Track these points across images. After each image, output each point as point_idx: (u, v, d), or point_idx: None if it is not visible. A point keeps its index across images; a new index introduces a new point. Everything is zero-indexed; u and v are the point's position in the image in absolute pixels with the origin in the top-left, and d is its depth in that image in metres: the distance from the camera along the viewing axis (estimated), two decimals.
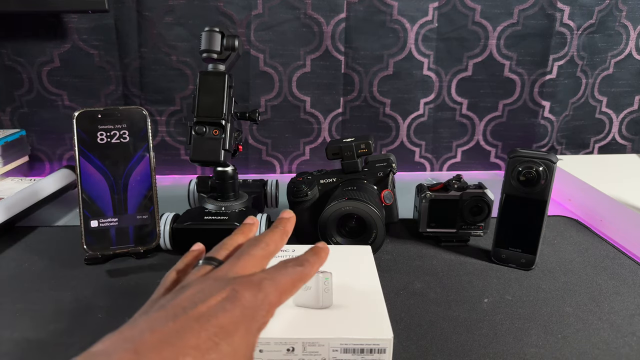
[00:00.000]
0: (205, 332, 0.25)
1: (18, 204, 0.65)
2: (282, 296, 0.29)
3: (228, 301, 0.26)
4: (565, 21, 0.85)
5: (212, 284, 0.28)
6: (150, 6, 0.80)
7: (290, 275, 0.30)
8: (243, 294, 0.27)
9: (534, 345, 0.42)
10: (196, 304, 0.26)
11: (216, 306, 0.26)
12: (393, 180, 0.62)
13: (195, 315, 0.25)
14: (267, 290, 0.28)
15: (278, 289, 0.28)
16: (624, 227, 0.63)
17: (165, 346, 0.23)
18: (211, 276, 0.29)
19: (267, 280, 0.28)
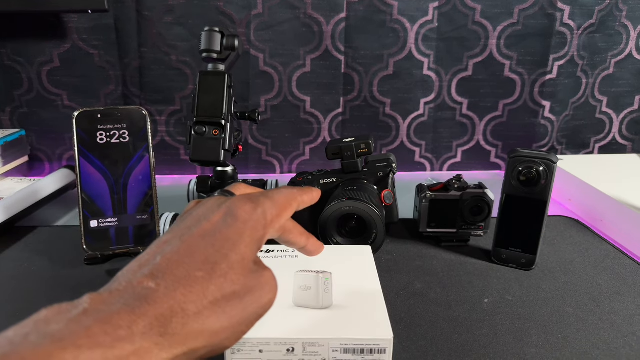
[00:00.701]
0: (212, 246, 0.27)
1: (18, 204, 0.65)
2: (280, 212, 0.31)
3: (229, 216, 0.28)
4: (566, 21, 0.84)
5: (213, 204, 0.30)
6: (150, 6, 0.80)
7: (285, 195, 0.32)
8: (243, 208, 0.29)
9: (534, 346, 0.42)
10: (200, 221, 0.28)
11: (219, 222, 0.28)
12: (393, 180, 0.62)
13: (200, 233, 0.27)
14: (265, 205, 0.30)
15: (275, 205, 0.30)
16: (624, 227, 0.63)
17: (177, 266, 0.25)
18: (214, 198, 0.31)
19: (264, 197, 0.30)
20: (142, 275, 0.25)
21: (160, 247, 0.27)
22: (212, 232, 0.27)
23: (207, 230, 0.27)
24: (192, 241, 0.27)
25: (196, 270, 0.25)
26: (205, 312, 0.25)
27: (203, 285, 0.25)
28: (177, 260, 0.26)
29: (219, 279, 0.26)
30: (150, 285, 0.24)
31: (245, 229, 0.28)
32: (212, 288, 0.25)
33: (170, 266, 0.25)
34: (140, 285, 0.24)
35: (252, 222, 0.28)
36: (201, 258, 0.26)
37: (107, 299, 0.24)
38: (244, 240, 0.28)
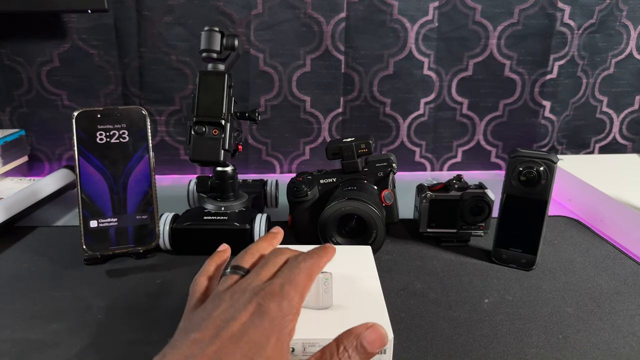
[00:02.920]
0: (240, 349, 0.27)
1: (17, 204, 0.65)
2: (303, 295, 0.31)
3: (256, 316, 0.28)
4: (566, 21, 0.84)
5: (239, 299, 0.30)
6: (149, 6, 0.80)
7: (304, 272, 0.31)
8: (269, 306, 0.29)
9: (534, 346, 0.42)
10: (228, 322, 0.28)
11: (246, 323, 0.28)
12: (393, 180, 0.62)
13: (229, 336, 0.28)
14: (290, 295, 0.30)
15: (298, 290, 0.30)
16: (624, 227, 0.63)
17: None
18: (238, 289, 0.31)
19: (287, 284, 0.30)
20: None
21: (191, 347, 0.28)
22: (239, 335, 0.28)
23: (234, 333, 0.28)
24: (221, 345, 0.27)
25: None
26: None
27: None
28: None
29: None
30: None
31: (272, 330, 0.28)
32: None
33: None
34: None
35: (279, 319, 0.29)
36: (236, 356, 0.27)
37: None
38: (270, 342, 0.28)
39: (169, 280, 0.52)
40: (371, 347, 0.30)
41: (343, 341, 0.30)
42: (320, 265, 0.33)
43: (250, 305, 0.29)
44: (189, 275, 0.36)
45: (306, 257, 0.33)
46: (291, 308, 0.29)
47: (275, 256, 0.34)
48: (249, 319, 0.28)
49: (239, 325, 0.28)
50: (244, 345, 0.27)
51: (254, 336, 0.28)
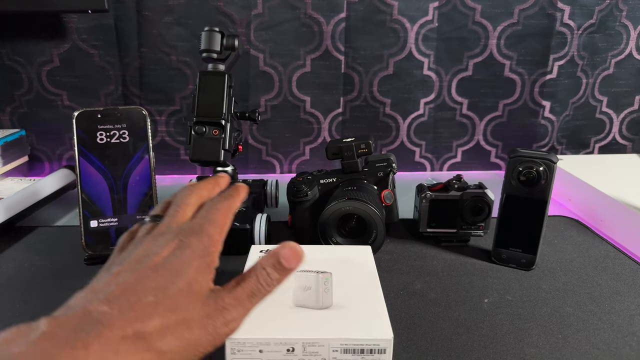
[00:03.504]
0: (161, 276, 0.29)
1: (18, 204, 0.65)
2: (223, 231, 0.33)
3: (178, 249, 0.31)
4: (566, 21, 0.84)
5: (161, 238, 0.32)
6: (150, 6, 0.80)
7: (222, 211, 0.34)
8: (190, 241, 0.31)
9: (534, 346, 0.42)
10: (150, 257, 0.30)
11: (168, 255, 0.30)
12: (393, 180, 0.62)
13: (151, 266, 0.29)
14: (209, 231, 0.32)
15: (217, 227, 0.33)
16: (624, 227, 0.63)
17: (130, 293, 0.28)
18: (158, 231, 0.33)
19: (206, 224, 0.33)
20: (98, 301, 0.27)
21: (113, 277, 0.29)
22: (162, 264, 0.30)
23: (158, 263, 0.30)
24: (143, 272, 0.29)
25: (147, 296, 0.28)
26: (154, 334, 0.27)
27: (153, 309, 0.27)
28: (130, 288, 0.28)
29: (168, 302, 0.28)
30: (105, 309, 0.27)
31: (193, 257, 0.30)
32: (161, 310, 0.27)
33: (124, 293, 0.28)
34: (95, 310, 0.27)
35: (199, 251, 0.31)
36: (152, 285, 0.28)
37: (64, 323, 0.26)
38: (191, 268, 0.30)
39: None
40: (287, 262, 0.32)
41: (262, 262, 0.32)
42: (236, 204, 0.36)
43: (172, 243, 0.31)
44: None
45: (222, 198, 0.36)
46: (212, 241, 0.32)
47: (184, 196, 0.37)
48: (170, 252, 0.30)
49: (160, 258, 0.30)
50: (164, 272, 0.29)
51: (175, 264, 0.30)
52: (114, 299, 0.27)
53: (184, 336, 0.28)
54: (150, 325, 0.27)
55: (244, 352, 0.35)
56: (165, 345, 0.27)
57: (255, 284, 0.31)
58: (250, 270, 0.32)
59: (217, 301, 0.30)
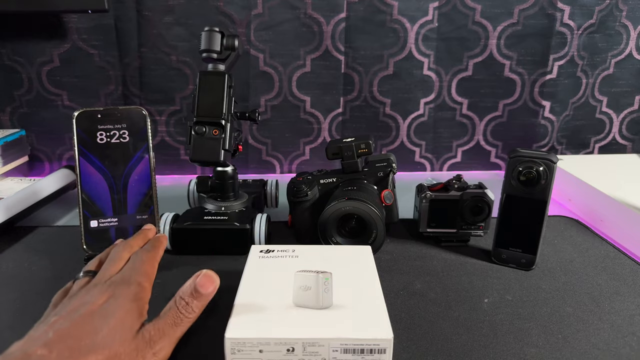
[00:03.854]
0: (96, 320, 0.33)
1: (18, 204, 0.65)
2: (150, 280, 0.38)
3: (112, 298, 0.35)
4: (566, 21, 0.85)
5: (95, 290, 0.36)
6: (150, 6, 0.80)
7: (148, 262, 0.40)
8: (122, 290, 0.36)
9: (534, 346, 0.42)
10: (86, 306, 0.34)
11: (103, 304, 0.34)
12: (393, 180, 0.62)
13: (87, 313, 0.33)
14: (138, 280, 0.37)
15: (145, 276, 0.38)
16: (624, 227, 0.63)
17: (67, 337, 0.31)
18: (92, 284, 0.37)
19: (135, 274, 0.38)
20: (36, 346, 0.30)
21: (51, 325, 0.32)
22: (97, 311, 0.34)
23: (93, 310, 0.34)
24: (80, 319, 0.33)
25: (83, 339, 0.31)
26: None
27: (88, 349, 0.31)
28: (67, 334, 0.31)
29: (101, 341, 0.32)
30: (44, 352, 0.30)
31: (125, 302, 0.35)
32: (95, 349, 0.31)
33: (62, 338, 0.31)
34: (34, 353, 0.30)
35: (130, 296, 0.35)
36: (87, 329, 0.32)
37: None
38: (123, 309, 0.34)
39: (169, 280, 0.52)
40: (204, 288, 0.36)
41: (180, 292, 0.36)
42: (160, 254, 0.41)
43: (105, 293, 0.35)
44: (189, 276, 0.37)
45: (145, 250, 0.41)
46: (141, 288, 0.36)
47: (118, 252, 0.41)
48: (104, 301, 0.35)
49: (96, 306, 0.34)
50: (99, 317, 0.33)
51: (109, 309, 0.34)
52: (52, 344, 0.30)
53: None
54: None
55: (244, 352, 0.35)
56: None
57: (176, 314, 0.35)
58: (170, 301, 0.36)
59: (144, 335, 0.34)
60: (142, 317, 0.35)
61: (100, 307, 0.34)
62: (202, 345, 0.41)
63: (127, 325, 0.34)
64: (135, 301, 0.35)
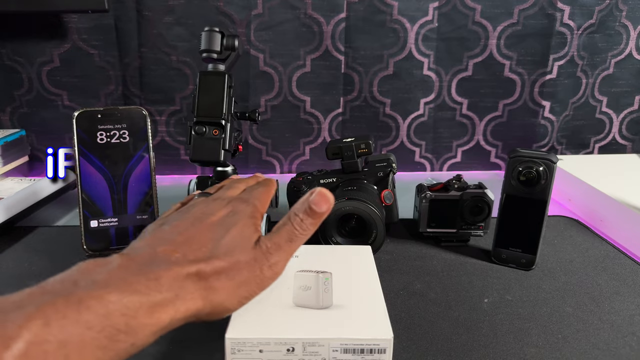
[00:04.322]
0: (217, 230, 0.35)
1: (18, 204, 0.65)
2: (264, 205, 0.40)
3: (231, 212, 0.37)
4: (566, 21, 0.85)
5: (215, 203, 0.39)
6: (150, 6, 0.80)
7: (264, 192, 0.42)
8: (240, 207, 0.38)
9: (534, 346, 0.42)
10: (207, 216, 0.37)
11: (222, 216, 0.37)
12: (393, 180, 0.62)
13: (208, 223, 0.36)
14: (254, 203, 0.40)
15: (261, 201, 0.40)
16: (624, 227, 0.63)
17: (192, 241, 0.34)
18: (211, 199, 0.40)
19: (252, 197, 0.40)
20: (164, 245, 0.33)
21: (175, 226, 0.35)
22: (217, 222, 0.36)
23: (214, 222, 0.36)
24: (202, 227, 0.35)
25: (206, 244, 0.34)
26: (212, 275, 0.32)
27: (210, 254, 0.33)
28: (192, 237, 0.34)
29: (222, 249, 0.34)
30: (171, 251, 0.32)
31: (242, 217, 0.37)
32: (217, 255, 0.33)
33: (187, 240, 0.34)
34: (162, 251, 0.32)
35: (246, 214, 0.37)
36: (209, 236, 0.34)
37: (136, 259, 0.32)
38: (241, 222, 0.36)
39: None
40: (318, 207, 0.36)
41: (294, 209, 0.37)
42: (271, 191, 0.43)
43: (225, 208, 0.38)
44: None
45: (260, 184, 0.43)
46: (256, 209, 0.39)
47: (235, 182, 0.45)
48: (224, 214, 0.37)
49: (216, 218, 0.36)
50: (220, 227, 0.35)
51: (228, 222, 0.36)
52: (179, 245, 0.33)
53: (235, 277, 0.33)
54: (208, 267, 0.32)
55: (244, 352, 0.35)
56: (220, 284, 0.32)
57: (290, 230, 0.36)
58: (284, 218, 0.37)
59: (261, 247, 0.35)
60: (257, 233, 0.36)
61: (220, 218, 0.36)
62: (202, 345, 0.41)
63: (246, 235, 0.35)
64: (252, 218, 0.37)
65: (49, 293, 0.27)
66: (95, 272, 0.29)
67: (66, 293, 0.27)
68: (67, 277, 0.29)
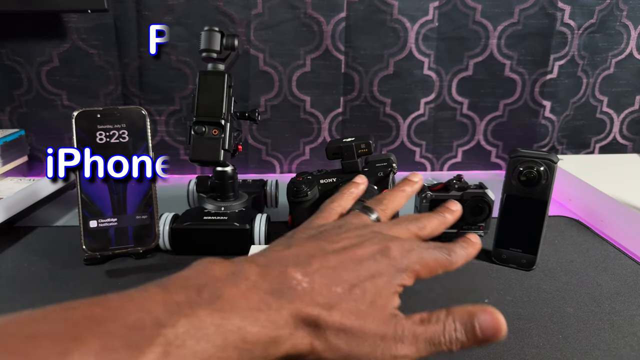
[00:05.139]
0: (357, 272, 0.30)
1: (17, 204, 0.65)
2: (423, 271, 0.32)
3: (379, 254, 0.31)
4: (566, 21, 0.84)
5: (370, 235, 0.33)
6: (149, 5, 0.80)
7: (436, 258, 0.33)
8: (393, 252, 0.31)
9: (534, 346, 0.42)
10: (355, 246, 0.31)
11: (370, 254, 0.31)
12: (393, 180, 0.62)
13: (352, 257, 0.31)
14: (413, 259, 0.32)
15: (421, 263, 0.32)
16: (624, 228, 0.63)
17: (325, 274, 0.29)
18: (370, 228, 0.34)
19: (416, 251, 0.32)
20: (295, 267, 0.29)
21: (316, 247, 0.31)
22: (360, 260, 0.30)
23: (358, 257, 0.31)
24: (341, 260, 0.30)
25: (338, 285, 0.29)
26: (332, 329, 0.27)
27: (338, 300, 0.28)
28: (327, 269, 0.29)
29: (352, 302, 0.28)
30: (300, 279, 0.28)
31: (387, 271, 0.30)
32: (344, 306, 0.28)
33: (319, 271, 0.29)
34: (292, 276, 0.28)
35: (395, 268, 0.31)
36: (345, 277, 0.29)
37: (266, 277, 0.28)
38: (382, 279, 0.30)
39: None
40: (482, 333, 0.28)
41: (454, 312, 0.29)
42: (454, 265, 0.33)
43: (378, 245, 0.32)
44: None
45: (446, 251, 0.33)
46: (409, 269, 0.31)
47: (410, 221, 0.36)
48: (373, 252, 0.31)
49: (362, 252, 0.31)
50: (362, 270, 0.30)
51: (372, 267, 0.30)
52: (310, 273, 0.29)
53: (353, 346, 0.27)
54: (331, 318, 0.27)
55: None
56: (335, 345, 0.27)
57: (438, 334, 0.28)
58: (440, 314, 0.29)
59: (396, 327, 0.28)
60: (398, 300, 0.31)
61: (364, 256, 0.31)
62: None
63: (385, 297, 0.29)
64: (401, 277, 0.31)
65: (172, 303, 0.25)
66: (222, 282, 0.27)
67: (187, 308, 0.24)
68: (193, 280, 0.27)
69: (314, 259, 0.30)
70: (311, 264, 0.29)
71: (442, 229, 0.37)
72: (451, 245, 0.34)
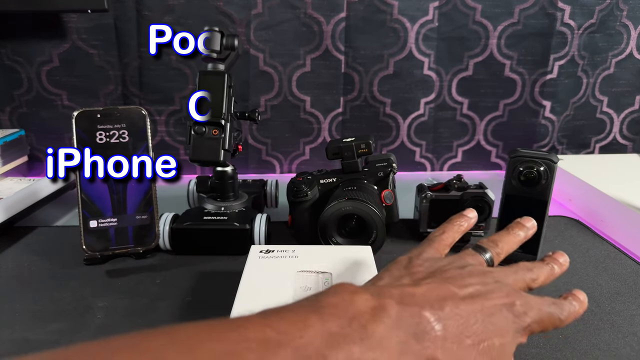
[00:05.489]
0: (485, 326, 0.30)
1: (17, 204, 0.65)
2: (538, 328, 0.32)
3: (506, 308, 0.31)
4: (566, 21, 0.84)
5: (494, 285, 0.32)
6: (150, 6, 0.80)
7: (551, 316, 0.33)
8: (518, 309, 0.31)
9: (534, 346, 0.42)
10: (482, 296, 0.31)
11: (497, 308, 0.31)
12: (393, 180, 0.62)
13: (481, 308, 0.30)
14: (534, 317, 0.32)
15: (539, 322, 0.32)
16: (624, 228, 0.63)
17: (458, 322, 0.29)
18: (491, 275, 0.34)
19: (535, 309, 0.32)
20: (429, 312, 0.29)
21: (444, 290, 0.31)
22: (489, 314, 0.30)
23: (487, 310, 0.30)
24: (472, 310, 0.30)
25: (467, 337, 0.29)
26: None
27: (467, 354, 0.28)
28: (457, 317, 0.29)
29: (477, 357, 0.29)
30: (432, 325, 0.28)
31: (512, 329, 0.31)
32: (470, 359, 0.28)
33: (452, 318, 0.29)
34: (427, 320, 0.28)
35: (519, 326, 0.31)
36: (474, 329, 0.29)
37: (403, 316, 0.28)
38: (508, 336, 0.30)
39: (169, 281, 0.52)
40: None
41: None
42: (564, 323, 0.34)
43: (504, 299, 0.31)
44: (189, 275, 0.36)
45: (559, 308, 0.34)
46: (528, 328, 0.32)
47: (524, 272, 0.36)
48: (500, 305, 0.31)
49: (490, 305, 0.31)
50: (490, 325, 0.30)
51: (499, 323, 0.30)
52: (443, 319, 0.29)
53: None
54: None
55: None
56: None
57: None
58: None
59: None
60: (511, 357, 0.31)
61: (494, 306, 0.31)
62: None
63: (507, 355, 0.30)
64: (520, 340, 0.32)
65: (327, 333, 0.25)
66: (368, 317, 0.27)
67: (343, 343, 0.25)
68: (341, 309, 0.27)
69: (445, 304, 0.30)
70: (443, 308, 0.29)
71: (550, 280, 0.37)
72: (561, 302, 0.34)
